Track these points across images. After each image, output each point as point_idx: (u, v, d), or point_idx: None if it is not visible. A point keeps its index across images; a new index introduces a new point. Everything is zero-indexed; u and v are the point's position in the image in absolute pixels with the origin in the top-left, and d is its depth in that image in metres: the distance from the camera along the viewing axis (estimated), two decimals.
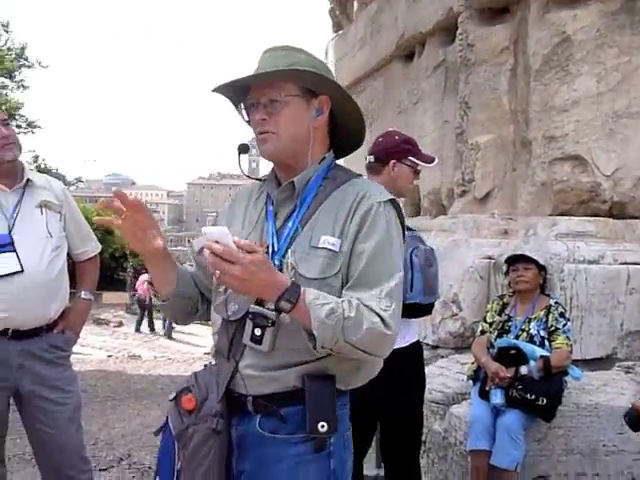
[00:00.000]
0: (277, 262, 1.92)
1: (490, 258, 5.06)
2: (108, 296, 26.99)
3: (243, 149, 2.07)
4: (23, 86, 21.46)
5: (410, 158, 3.48)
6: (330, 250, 1.90)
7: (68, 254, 3.46)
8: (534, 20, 5.20)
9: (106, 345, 16.73)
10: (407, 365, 3.42)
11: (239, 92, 2.02)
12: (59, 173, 23.55)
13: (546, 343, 4.10)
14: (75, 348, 3.54)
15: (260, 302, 1.88)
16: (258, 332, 1.88)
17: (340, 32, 9.64)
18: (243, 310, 1.91)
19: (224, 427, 1.92)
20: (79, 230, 3.54)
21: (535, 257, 4.28)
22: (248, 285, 1.75)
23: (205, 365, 2.10)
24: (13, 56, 20.99)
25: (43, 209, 3.33)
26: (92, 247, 3.62)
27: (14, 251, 3.17)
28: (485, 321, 4.37)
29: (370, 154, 3.52)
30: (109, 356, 13.23)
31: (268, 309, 1.86)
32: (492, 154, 5.57)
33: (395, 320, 1.86)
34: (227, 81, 1.98)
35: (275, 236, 1.98)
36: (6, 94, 19.50)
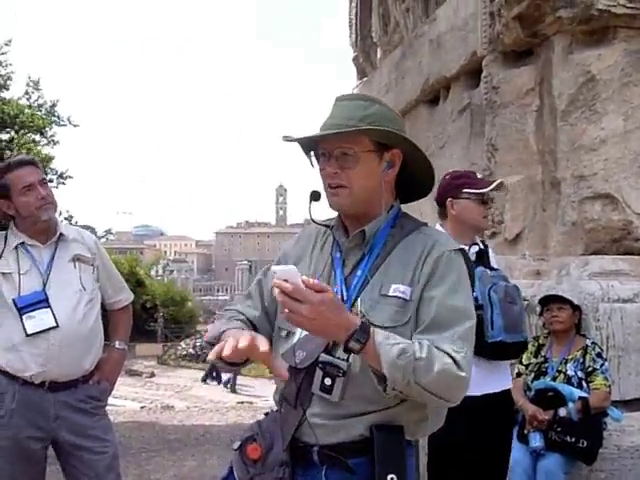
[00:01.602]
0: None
1: (524, 299, 5.02)
2: (140, 348, 27.11)
3: (315, 197, 2.05)
4: (53, 141, 21.83)
5: (465, 190, 3.47)
6: (401, 298, 1.90)
7: (102, 304, 3.50)
8: (558, 61, 5.23)
9: (139, 396, 16.78)
10: (497, 413, 3.38)
11: (309, 140, 2.03)
12: (89, 226, 23.85)
13: (584, 384, 4.05)
14: (108, 399, 3.56)
15: (330, 351, 1.88)
16: (328, 382, 1.87)
17: (364, 79, 9.75)
18: (311, 358, 1.90)
19: (290, 477, 1.89)
20: (111, 280, 3.58)
21: (569, 297, 4.25)
22: (317, 324, 1.73)
23: (266, 413, 2.09)
24: (44, 113, 21.40)
25: (76, 263, 3.37)
26: (125, 296, 3.66)
27: (49, 307, 3.21)
28: (521, 363, 4.32)
29: (435, 201, 3.54)
30: (142, 407, 13.23)
31: (339, 359, 1.85)
32: (521, 195, 5.56)
33: (469, 363, 1.83)
34: (302, 136, 1.99)
35: (344, 284, 1.98)
36: (38, 150, 19.86)
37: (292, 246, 2.21)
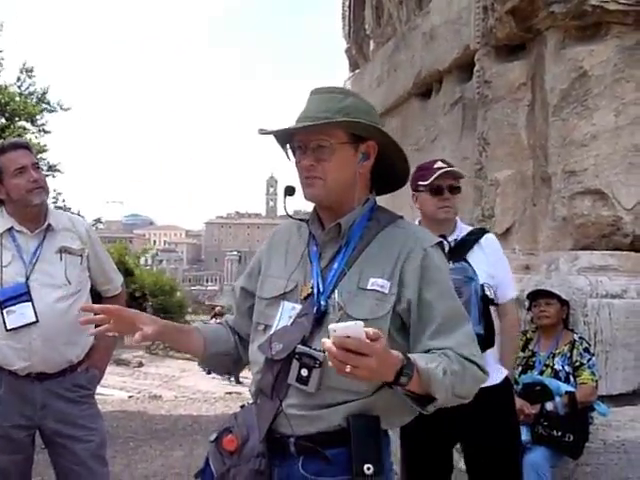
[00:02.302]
0: (323, 302, 1.93)
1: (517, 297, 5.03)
2: (129, 337, 27.03)
3: (289, 191, 2.07)
4: (44, 130, 21.67)
5: (419, 183, 3.47)
6: (379, 292, 1.91)
7: (95, 290, 3.49)
8: (551, 56, 5.23)
9: (126, 386, 16.74)
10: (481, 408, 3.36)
11: (285, 132, 2.03)
12: (79, 214, 23.74)
13: (571, 379, 4.07)
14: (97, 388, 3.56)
15: (306, 342, 1.89)
16: (305, 372, 1.88)
17: (357, 71, 9.74)
18: (288, 349, 1.91)
19: (266, 468, 1.90)
20: (103, 268, 3.56)
21: (557, 292, 4.26)
22: (379, 372, 1.69)
23: (242, 405, 2.10)
24: (35, 100, 21.24)
25: (63, 255, 3.34)
26: (115, 284, 3.64)
27: (30, 300, 3.19)
28: None
29: None
30: (130, 396, 13.21)
31: (315, 350, 1.86)
32: (512, 190, 5.57)
33: (484, 362, 1.92)
34: (277, 129, 2.00)
35: (320, 276, 1.98)
36: (29, 139, 19.74)
37: (267, 245, 2.23)
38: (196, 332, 2.16)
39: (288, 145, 2.05)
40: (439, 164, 3.50)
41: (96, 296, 3.53)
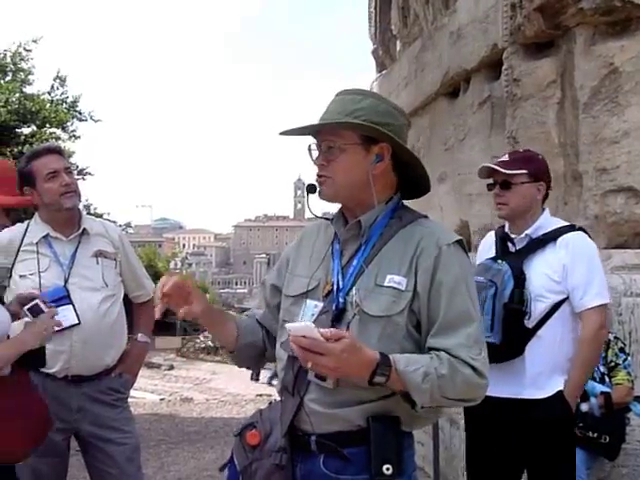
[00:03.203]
0: (341, 299, 1.96)
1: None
2: (159, 341, 27.21)
3: (311, 189, 2.09)
4: (75, 136, 21.93)
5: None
6: (395, 289, 1.93)
7: (126, 296, 3.51)
8: (580, 52, 5.18)
9: (158, 389, 16.87)
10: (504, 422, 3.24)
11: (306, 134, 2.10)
12: (110, 219, 23.95)
13: (606, 379, 4.01)
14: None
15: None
16: None
17: (384, 72, 9.72)
18: None
19: (288, 463, 1.94)
20: (134, 274, 3.59)
21: None
22: (342, 371, 1.80)
23: (270, 402, 2.15)
24: (66, 108, 21.51)
25: (99, 258, 3.38)
26: (147, 290, 3.66)
27: (71, 303, 3.22)
28: None
29: None
30: (161, 399, 13.31)
31: None
32: None
33: (486, 366, 1.90)
34: (293, 128, 2.05)
35: (340, 274, 2.01)
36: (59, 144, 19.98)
37: (295, 244, 2.27)
38: (232, 321, 2.20)
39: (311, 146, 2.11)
40: (486, 164, 3.52)
41: (128, 303, 3.56)
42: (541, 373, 3.17)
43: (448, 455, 5.41)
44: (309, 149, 2.09)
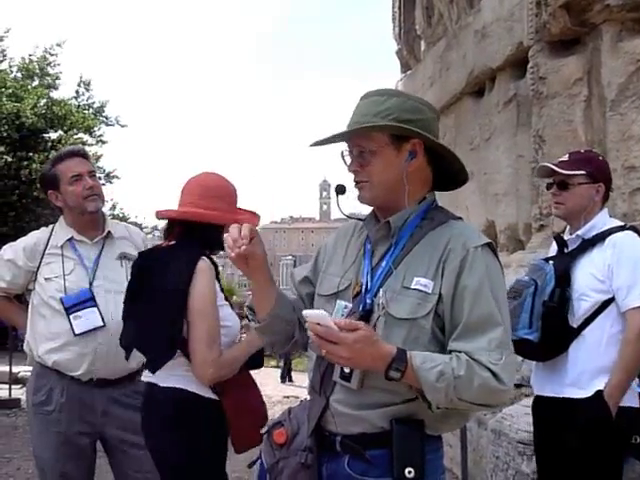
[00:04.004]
0: (369, 301, 1.95)
1: None
2: None
3: (340, 190, 2.09)
4: (102, 141, 22.14)
5: None
6: (421, 291, 1.91)
7: None
8: (607, 50, 5.12)
9: None
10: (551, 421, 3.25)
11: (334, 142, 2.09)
12: (136, 222, 24.12)
13: None
14: None
15: None
16: (347, 370, 1.91)
17: (408, 72, 9.69)
18: None
19: (314, 462, 1.95)
20: None
21: None
22: (355, 362, 1.82)
23: (301, 401, 2.15)
24: (91, 112, 21.72)
25: (123, 261, 3.39)
26: None
27: (96, 306, 3.24)
28: None
29: None
30: None
31: None
32: None
33: (508, 372, 1.85)
34: (321, 139, 2.05)
35: (369, 274, 2.00)
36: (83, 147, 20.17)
37: (332, 242, 2.24)
38: (274, 287, 2.15)
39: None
40: (544, 163, 3.50)
41: None
42: (583, 373, 3.12)
43: (476, 456, 5.36)
44: (342, 156, 2.08)
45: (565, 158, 3.43)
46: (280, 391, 15.44)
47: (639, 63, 4.93)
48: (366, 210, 2.17)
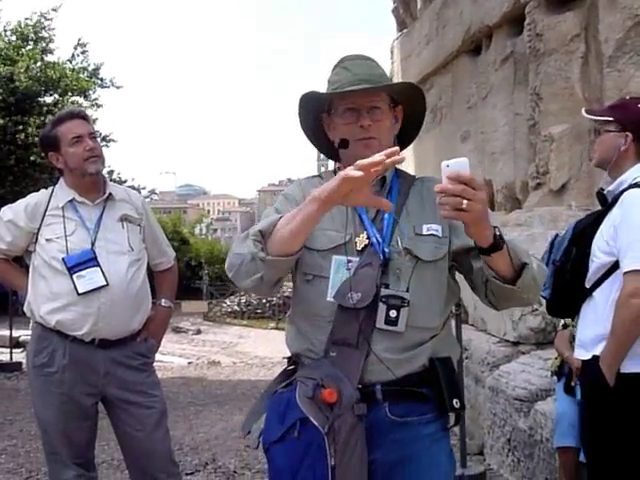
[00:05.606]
0: (387, 249, 2.01)
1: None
2: (186, 305, 27.39)
3: (344, 144, 2.10)
4: (97, 104, 21.95)
5: None
6: (435, 235, 2.04)
7: (148, 264, 3.53)
8: (605, 5, 5.07)
9: (186, 352, 17.00)
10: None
11: (319, 101, 2.15)
12: (134, 186, 24.03)
13: None
14: (156, 356, 3.61)
15: (388, 285, 1.99)
16: (393, 314, 1.98)
17: (405, 31, 9.60)
18: (369, 296, 1.97)
19: (365, 414, 1.97)
20: (157, 242, 3.60)
21: None
22: (485, 219, 1.83)
23: (308, 360, 2.08)
24: (87, 75, 21.50)
25: (124, 223, 3.39)
26: (169, 257, 3.68)
27: (98, 265, 3.24)
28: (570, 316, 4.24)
29: None
30: (189, 363, 13.44)
31: (400, 290, 1.98)
32: (567, 144, 5.45)
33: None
34: (343, 90, 2.06)
35: (373, 226, 2.07)
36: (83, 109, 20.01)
37: (300, 192, 2.16)
38: None
39: (328, 109, 2.13)
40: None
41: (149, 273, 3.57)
42: (589, 335, 2.97)
43: (474, 413, 5.43)
44: (327, 112, 2.13)
45: (606, 104, 3.28)
46: (278, 353, 15.56)
47: (637, 18, 4.88)
48: None
